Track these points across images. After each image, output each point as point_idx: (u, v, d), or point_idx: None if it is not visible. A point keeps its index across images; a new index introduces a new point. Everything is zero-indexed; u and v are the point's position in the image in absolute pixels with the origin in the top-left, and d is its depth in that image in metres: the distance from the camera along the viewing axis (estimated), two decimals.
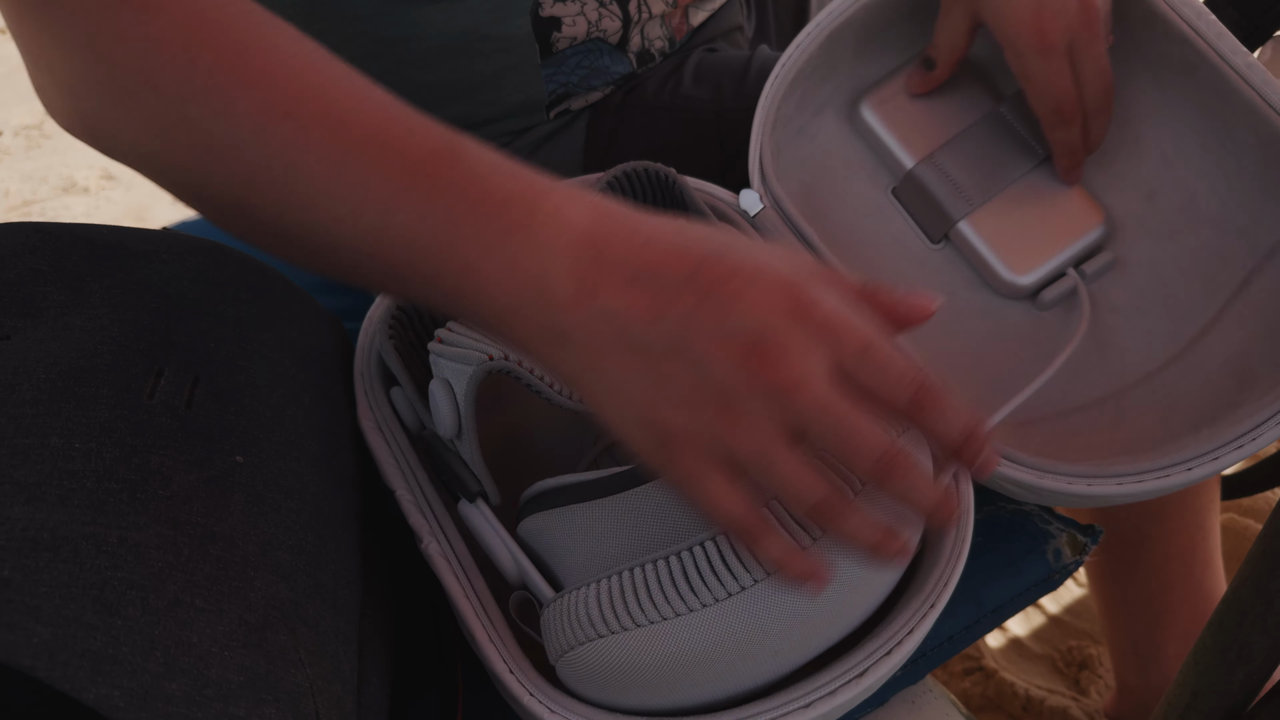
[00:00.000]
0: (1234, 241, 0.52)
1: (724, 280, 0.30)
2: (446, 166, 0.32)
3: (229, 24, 0.34)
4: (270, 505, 0.34)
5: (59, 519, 0.29)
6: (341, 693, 0.32)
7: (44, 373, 0.33)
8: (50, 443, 0.31)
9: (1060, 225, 0.54)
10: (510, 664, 0.38)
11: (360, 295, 0.68)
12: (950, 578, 0.39)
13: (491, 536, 0.40)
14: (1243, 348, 0.50)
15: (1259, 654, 0.50)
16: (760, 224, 0.52)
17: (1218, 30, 0.49)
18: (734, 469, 0.32)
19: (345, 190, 0.32)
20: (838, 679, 0.36)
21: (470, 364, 0.39)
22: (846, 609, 0.36)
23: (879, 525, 0.32)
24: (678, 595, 0.34)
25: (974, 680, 0.83)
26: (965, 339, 0.55)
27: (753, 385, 0.30)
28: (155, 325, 0.37)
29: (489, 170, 0.33)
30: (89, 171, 1.77)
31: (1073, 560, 0.49)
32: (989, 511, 0.51)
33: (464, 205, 0.32)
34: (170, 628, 0.28)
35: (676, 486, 0.34)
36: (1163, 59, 0.52)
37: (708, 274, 0.31)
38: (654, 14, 0.60)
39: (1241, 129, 0.50)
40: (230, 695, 0.28)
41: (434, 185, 0.32)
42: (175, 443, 0.33)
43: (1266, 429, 0.44)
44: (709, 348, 0.30)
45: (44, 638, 0.26)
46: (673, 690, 0.35)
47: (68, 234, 0.39)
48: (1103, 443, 0.51)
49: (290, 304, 0.43)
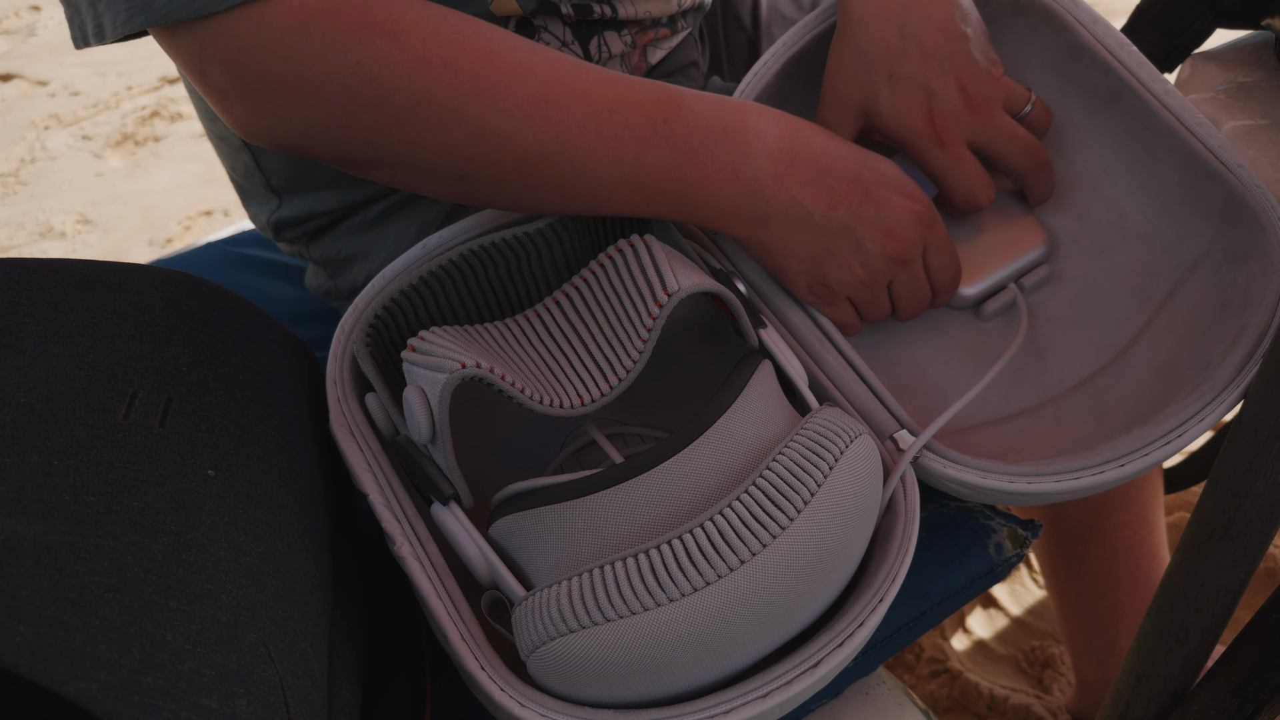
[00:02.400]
0: (1160, 256, 0.55)
1: (877, 184, 0.47)
2: (674, 110, 0.44)
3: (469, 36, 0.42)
4: (240, 515, 0.36)
5: (39, 529, 0.31)
6: (311, 688, 0.34)
7: (24, 397, 0.35)
8: (30, 460, 0.33)
9: (1005, 244, 0.57)
10: (481, 661, 0.39)
11: (331, 326, 0.70)
12: (898, 573, 0.41)
13: (464, 537, 0.41)
14: (1169, 354, 0.52)
15: (1194, 636, 0.52)
16: (722, 244, 0.55)
17: (1139, 60, 0.53)
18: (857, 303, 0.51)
19: (606, 147, 0.43)
20: (793, 670, 0.38)
21: (444, 371, 0.40)
22: (803, 603, 0.38)
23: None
24: (645, 590, 0.35)
25: (940, 682, 0.85)
26: (914, 349, 0.58)
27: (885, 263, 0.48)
28: (129, 351, 0.39)
29: (703, 107, 0.45)
30: (65, 216, 1.79)
31: (1014, 553, 0.52)
32: (933, 509, 0.53)
33: (697, 138, 0.44)
34: (145, 626, 0.30)
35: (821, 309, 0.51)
36: (1091, 88, 0.55)
37: (867, 176, 0.47)
38: (614, 53, 0.63)
39: (1163, 151, 0.53)
40: (203, 688, 0.30)
41: (671, 129, 0.44)
42: (149, 458, 0.35)
43: (1190, 425, 0.46)
44: (866, 231, 0.47)
45: (26, 637, 0.28)
46: (640, 683, 0.37)
47: (45, 268, 0.41)
48: (1042, 445, 0.53)
49: (258, 330, 0.46)
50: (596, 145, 0.43)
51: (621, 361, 0.44)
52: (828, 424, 0.40)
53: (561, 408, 0.43)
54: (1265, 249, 0.48)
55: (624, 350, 0.44)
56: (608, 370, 0.44)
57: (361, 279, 0.65)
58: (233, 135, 0.64)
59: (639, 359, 0.43)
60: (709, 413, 0.41)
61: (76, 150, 1.98)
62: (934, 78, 0.49)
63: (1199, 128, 0.51)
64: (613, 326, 0.45)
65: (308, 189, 0.64)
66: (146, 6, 0.40)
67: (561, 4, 0.58)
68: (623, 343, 0.44)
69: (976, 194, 0.52)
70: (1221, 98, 0.67)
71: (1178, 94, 0.52)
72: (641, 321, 0.43)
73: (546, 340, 0.46)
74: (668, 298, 0.42)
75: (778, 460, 0.38)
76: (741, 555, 0.36)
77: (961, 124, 0.50)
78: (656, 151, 0.44)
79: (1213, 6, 0.66)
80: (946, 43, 0.50)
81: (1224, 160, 0.50)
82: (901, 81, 0.50)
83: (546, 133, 0.42)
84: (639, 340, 0.43)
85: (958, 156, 0.51)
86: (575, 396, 0.43)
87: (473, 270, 0.50)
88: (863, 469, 0.39)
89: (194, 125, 2.03)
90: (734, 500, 0.37)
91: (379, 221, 0.64)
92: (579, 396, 0.43)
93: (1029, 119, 0.53)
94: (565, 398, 0.43)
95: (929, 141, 0.50)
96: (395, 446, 0.45)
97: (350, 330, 0.48)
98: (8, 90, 2.21)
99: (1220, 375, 0.47)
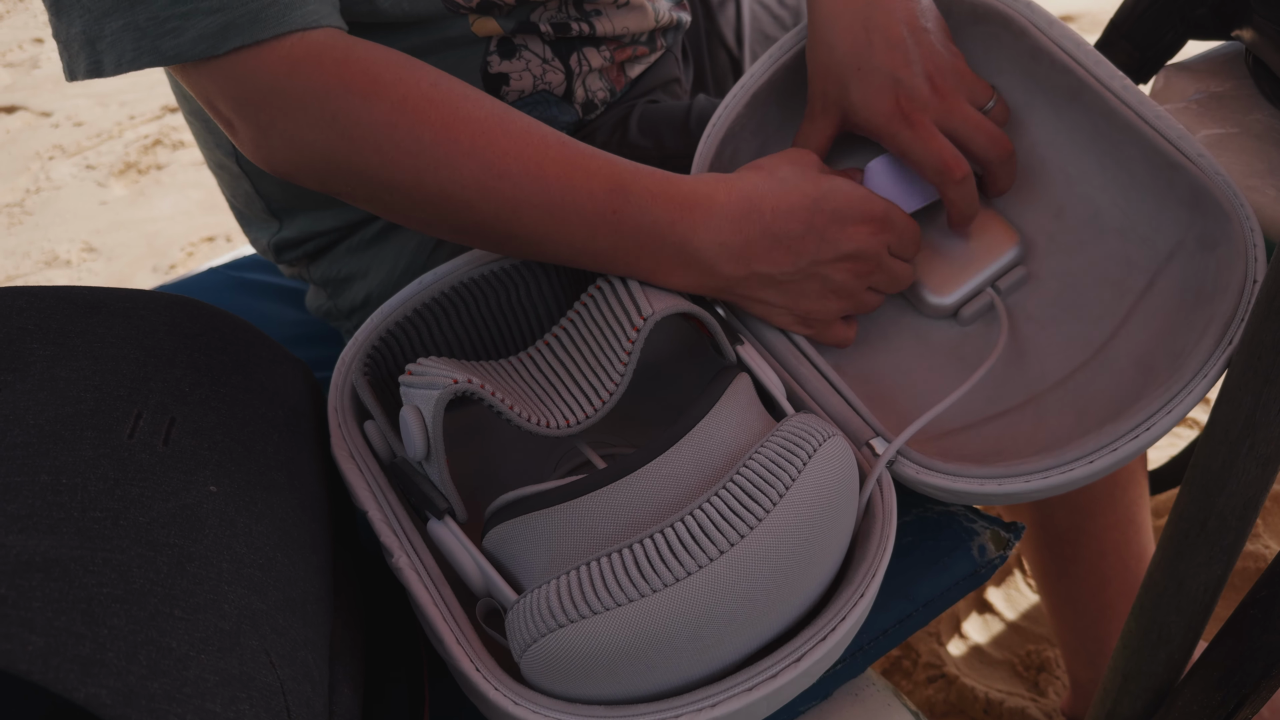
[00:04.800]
0: (1137, 248, 0.55)
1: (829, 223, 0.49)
2: (622, 201, 0.45)
3: (437, 102, 0.44)
4: (241, 529, 0.37)
5: (49, 544, 0.32)
6: (312, 693, 0.36)
7: (33, 419, 0.37)
8: (39, 479, 0.34)
9: (979, 250, 0.58)
10: (476, 662, 0.40)
11: (331, 347, 0.72)
12: (877, 569, 0.42)
13: (458, 548, 0.43)
14: (1149, 345, 0.53)
15: (1177, 633, 0.53)
16: None
17: (1096, 59, 0.54)
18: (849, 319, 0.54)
19: (557, 227, 0.45)
20: (778, 664, 0.39)
21: (437, 388, 0.42)
22: (783, 595, 0.39)
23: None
24: (630, 583, 0.37)
25: (937, 688, 0.86)
26: (896, 355, 0.59)
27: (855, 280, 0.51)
28: (134, 373, 0.40)
29: (651, 203, 0.46)
30: (70, 245, 1.81)
31: (997, 555, 0.53)
32: (917, 513, 0.54)
33: (644, 232, 0.46)
34: (151, 634, 0.31)
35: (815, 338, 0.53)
36: (1054, 88, 0.57)
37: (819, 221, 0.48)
38: (593, 67, 0.65)
39: (1127, 144, 0.54)
40: (207, 693, 0.31)
41: (619, 219, 0.45)
42: (154, 475, 0.37)
43: (1158, 419, 0.47)
44: (830, 270, 0.50)
45: (38, 646, 0.29)
46: (629, 677, 0.38)
47: (51, 295, 0.43)
48: (1025, 444, 0.53)
49: (259, 350, 0.47)
50: (549, 224, 0.45)
51: (605, 385, 0.46)
52: (801, 427, 0.42)
53: (550, 427, 0.45)
54: (1230, 235, 0.49)
55: (607, 375, 0.47)
56: (592, 394, 0.47)
57: (360, 298, 0.67)
58: (232, 163, 0.66)
59: (621, 382, 0.46)
60: (688, 419, 0.43)
61: (80, 179, 2.01)
62: (900, 67, 0.52)
63: (1157, 120, 0.52)
64: (595, 354, 0.48)
65: (307, 210, 0.66)
66: (155, 48, 0.44)
67: (540, 23, 0.60)
68: (605, 368, 0.47)
69: (948, 162, 0.52)
70: (1194, 107, 0.68)
71: (1136, 89, 0.53)
72: (621, 346, 0.46)
73: (535, 373, 0.49)
74: (644, 322, 0.45)
75: (753, 459, 0.40)
76: (721, 546, 0.37)
77: (929, 109, 0.52)
78: (605, 239, 0.46)
79: (1184, 19, 0.68)
80: (910, 35, 0.52)
81: (1184, 150, 0.51)
82: (869, 73, 0.52)
83: (501, 205, 0.45)
84: (620, 364, 0.46)
85: (927, 133, 0.52)
86: (563, 418, 0.46)
87: (465, 303, 0.52)
88: (835, 467, 0.41)
89: (196, 153, 2.06)
90: (712, 496, 0.39)
91: (377, 240, 0.65)
92: (565, 419, 0.46)
93: (990, 114, 0.55)
94: (553, 419, 0.46)
95: (898, 123, 0.52)
96: (393, 469, 0.47)
97: (350, 361, 0.51)
98: (12, 122, 2.24)
99: (1189, 366, 0.47)
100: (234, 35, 0.43)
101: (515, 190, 0.45)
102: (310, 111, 0.44)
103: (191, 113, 0.65)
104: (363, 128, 0.44)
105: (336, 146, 0.44)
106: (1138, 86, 0.54)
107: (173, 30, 0.43)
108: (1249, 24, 0.64)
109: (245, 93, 0.45)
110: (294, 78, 0.44)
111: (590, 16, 0.63)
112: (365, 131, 0.44)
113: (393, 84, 0.44)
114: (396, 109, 0.44)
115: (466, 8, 0.57)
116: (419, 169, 0.44)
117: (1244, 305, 0.47)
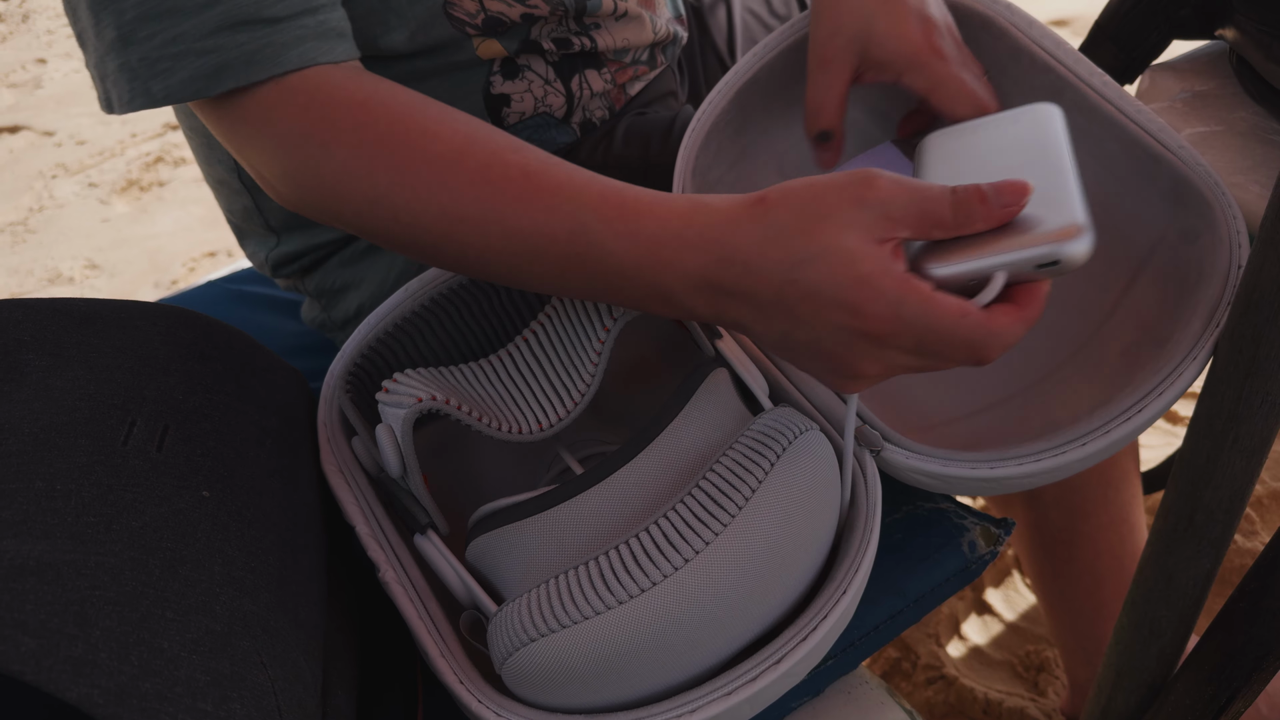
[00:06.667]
0: (1120, 245, 0.56)
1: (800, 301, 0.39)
2: (585, 246, 0.42)
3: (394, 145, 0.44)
4: (234, 533, 0.38)
5: (43, 549, 0.33)
6: (304, 695, 0.36)
7: (28, 427, 0.37)
8: (34, 486, 0.35)
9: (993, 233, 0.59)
10: (460, 675, 0.41)
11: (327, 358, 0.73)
12: (860, 565, 0.42)
13: (441, 563, 0.43)
14: (1133, 337, 0.53)
15: (1168, 628, 0.53)
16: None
17: (1075, 57, 0.55)
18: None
19: (527, 267, 0.43)
20: (757, 666, 0.39)
21: (404, 407, 0.43)
22: (758, 598, 0.39)
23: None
24: (596, 596, 0.37)
25: (936, 689, 0.86)
26: None
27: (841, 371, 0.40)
28: (128, 382, 0.41)
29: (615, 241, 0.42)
30: (73, 262, 1.83)
31: (988, 551, 0.53)
32: (907, 511, 0.55)
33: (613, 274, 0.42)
34: (143, 636, 0.32)
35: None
36: (1035, 88, 0.57)
37: (790, 294, 0.39)
38: (596, 91, 0.66)
39: (1109, 141, 0.54)
40: (198, 693, 0.32)
41: (584, 263, 0.42)
42: (147, 481, 0.37)
43: (1150, 400, 0.46)
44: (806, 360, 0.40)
45: (30, 647, 0.30)
46: (606, 685, 0.38)
47: (47, 307, 0.43)
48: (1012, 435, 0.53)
49: (252, 359, 0.48)
50: (518, 264, 0.43)
51: (576, 386, 0.47)
52: (774, 422, 0.42)
53: (520, 433, 0.46)
54: (1212, 224, 0.49)
55: (578, 377, 0.47)
56: (565, 395, 0.47)
57: (353, 309, 0.68)
58: (232, 178, 0.66)
59: (592, 383, 0.46)
60: (658, 422, 0.43)
61: (83, 197, 2.02)
62: (926, 6, 0.52)
63: (1138, 114, 0.52)
64: (567, 356, 0.48)
65: (304, 224, 0.66)
66: (146, 91, 0.45)
67: (542, 39, 0.61)
68: (577, 369, 0.47)
69: (979, 95, 0.51)
70: (1179, 106, 0.69)
71: (1116, 85, 0.54)
72: (592, 347, 0.46)
73: (506, 377, 0.49)
74: (614, 321, 0.46)
75: (721, 462, 0.40)
76: (685, 554, 0.37)
77: (954, 54, 0.52)
78: (576, 279, 0.43)
79: (1168, 19, 0.68)
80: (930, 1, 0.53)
81: (1165, 143, 0.51)
82: (898, 5, 0.52)
83: (466, 248, 0.44)
84: (590, 365, 0.46)
85: (960, 66, 0.52)
86: (535, 423, 0.46)
87: (445, 312, 0.53)
88: (808, 463, 0.41)
89: (197, 169, 2.07)
90: (678, 503, 0.39)
91: (369, 252, 0.66)
92: (538, 423, 0.46)
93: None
94: (525, 424, 0.46)
95: (929, 55, 0.51)
96: (379, 483, 0.48)
97: (338, 376, 0.51)
98: (16, 141, 2.26)
99: (1177, 350, 0.47)
100: (227, 77, 0.44)
101: (477, 235, 0.43)
102: (281, 157, 0.45)
103: (191, 128, 0.66)
104: (323, 174, 0.44)
105: (309, 185, 0.45)
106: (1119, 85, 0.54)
107: (164, 72, 0.44)
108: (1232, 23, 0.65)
109: (236, 133, 0.46)
110: (268, 125, 0.45)
111: (590, 30, 0.63)
112: (326, 178, 0.44)
113: (351, 130, 0.44)
114: (354, 156, 0.44)
115: (474, 28, 0.58)
116: (379, 216, 0.44)
117: (1229, 290, 0.47)
